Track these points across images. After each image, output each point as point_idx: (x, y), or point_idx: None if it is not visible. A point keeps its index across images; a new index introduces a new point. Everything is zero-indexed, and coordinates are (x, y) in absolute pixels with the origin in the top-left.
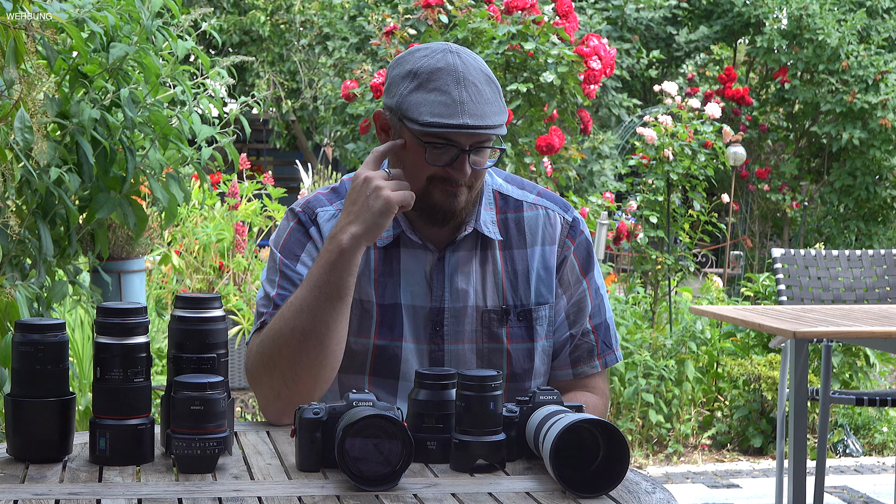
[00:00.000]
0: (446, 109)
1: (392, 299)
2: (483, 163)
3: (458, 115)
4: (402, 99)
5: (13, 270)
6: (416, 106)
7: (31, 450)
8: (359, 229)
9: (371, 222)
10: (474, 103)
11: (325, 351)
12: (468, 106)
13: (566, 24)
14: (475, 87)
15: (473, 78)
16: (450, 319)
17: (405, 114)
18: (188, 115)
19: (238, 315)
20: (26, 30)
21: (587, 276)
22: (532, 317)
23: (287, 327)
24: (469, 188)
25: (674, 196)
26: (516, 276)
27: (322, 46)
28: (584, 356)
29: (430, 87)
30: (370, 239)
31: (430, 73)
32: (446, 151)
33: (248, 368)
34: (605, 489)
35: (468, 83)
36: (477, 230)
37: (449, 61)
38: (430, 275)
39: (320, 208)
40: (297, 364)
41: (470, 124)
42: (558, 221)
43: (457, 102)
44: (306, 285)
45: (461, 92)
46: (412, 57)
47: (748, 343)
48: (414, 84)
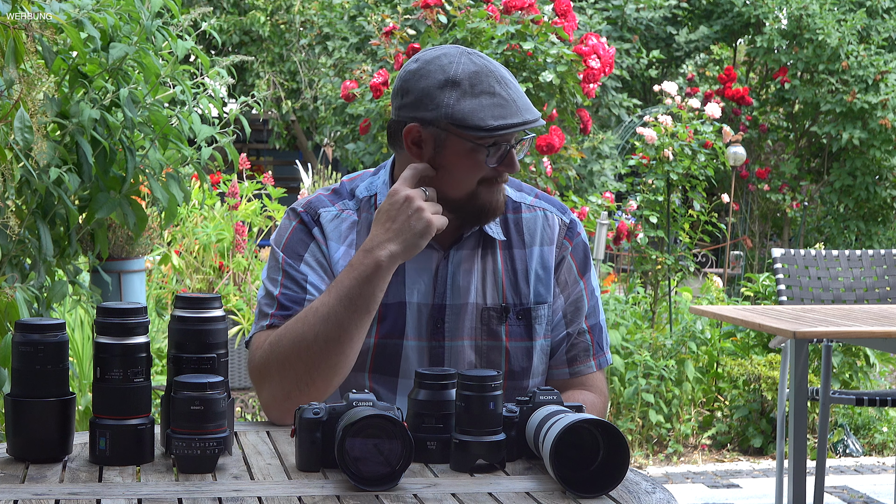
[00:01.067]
0: (504, 111)
1: (396, 298)
2: (521, 154)
3: (518, 114)
4: (452, 109)
5: (13, 271)
6: (472, 113)
7: (31, 450)
8: (398, 248)
9: (410, 243)
10: (522, 98)
11: (344, 359)
12: (520, 103)
13: (565, 23)
14: (514, 83)
15: (506, 76)
16: (450, 316)
17: (462, 122)
18: (188, 115)
19: (238, 315)
20: (26, 30)
21: (584, 276)
22: (531, 316)
23: (311, 332)
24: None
25: (674, 196)
26: (516, 275)
27: (322, 46)
28: (580, 355)
29: (476, 92)
30: (406, 258)
31: (470, 77)
32: (499, 150)
33: (256, 366)
34: (605, 489)
35: (507, 81)
36: (482, 229)
37: (477, 63)
38: (435, 273)
39: (323, 209)
40: (315, 369)
41: (529, 119)
42: (556, 223)
43: (509, 102)
44: (335, 294)
45: (507, 91)
46: (436, 66)
47: (748, 343)
48: (457, 92)
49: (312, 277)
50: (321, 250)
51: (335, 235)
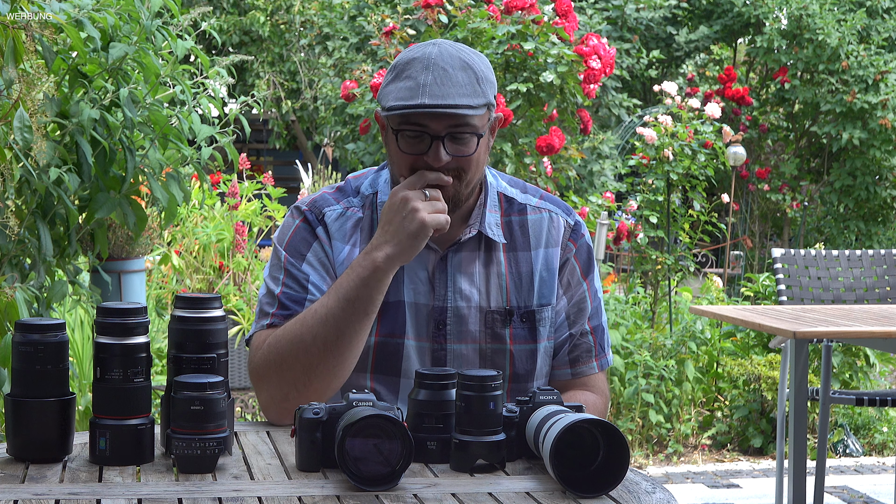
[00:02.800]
0: (408, 93)
1: (395, 297)
2: (465, 150)
3: (417, 97)
4: (380, 92)
5: (13, 271)
6: (386, 95)
7: (31, 450)
8: (393, 250)
9: (406, 244)
10: (437, 85)
11: (343, 362)
12: (430, 87)
13: (566, 23)
14: (443, 71)
15: (444, 63)
16: (452, 319)
17: (381, 104)
18: (188, 115)
19: (238, 315)
20: (25, 29)
21: (587, 278)
22: (535, 318)
23: (309, 334)
24: (457, 178)
25: (674, 196)
26: (520, 277)
27: (322, 46)
28: (582, 356)
29: (402, 77)
30: (404, 260)
31: (405, 63)
32: (420, 140)
33: (256, 367)
34: (605, 489)
35: (436, 68)
36: (481, 232)
37: (426, 51)
38: (432, 273)
39: (327, 208)
40: (312, 371)
41: (427, 103)
42: (561, 224)
43: (419, 85)
44: (334, 296)
45: (427, 76)
46: (402, 54)
47: (748, 343)
48: (391, 76)
49: (314, 277)
50: (324, 250)
51: (339, 235)
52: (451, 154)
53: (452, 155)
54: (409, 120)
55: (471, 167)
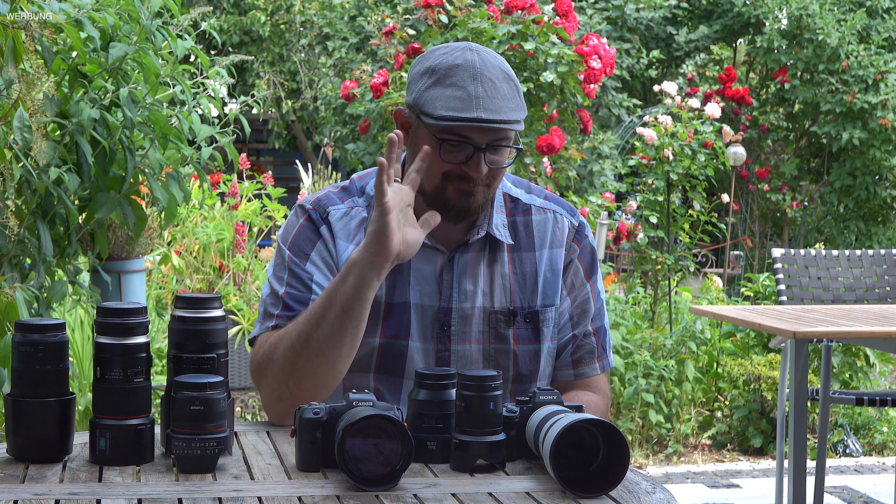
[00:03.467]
0: (461, 104)
1: (401, 297)
2: (501, 161)
3: (473, 109)
4: (420, 95)
5: (13, 271)
6: (431, 101)
7: (31, 450)
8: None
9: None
10: (489, 98)
11: (326, 361)
12: (483, 101)
13: (566, 23)
14: (492, 83)
15: (490, 74)
16: (457, 320)
17: (422, 109)
18: (188, 115)
19: (238, 315)
20: (25, 29)
21: (591, 279)
22: (539, 319)
23: (294, 332)
24: (487, 186)
25: (674, 196)
26: (524, 278)
27: (322, 46)
28: (585, 357)
29: (446, 83)
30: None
31: (448, 69)
32: (462, 149)
33: (255, 367)
34: (605, 489)
35: (484, 79)
36: (489, 233)
37: (467, 58)
38: (439, 275)
39: (332, 207)
40: (301, 371)
41: (484, 118)
42: (566, 225)
43: (472, 97)
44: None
45: (477, 87)
46: (432, 55)
47: (748, 343)
48: (431, 80)
49: (318, 277)
50: (328, 249)
51: (343, 234)
52: (489, 165)
53: (489, 166)
54: (455, 131)
55: (500, 175)
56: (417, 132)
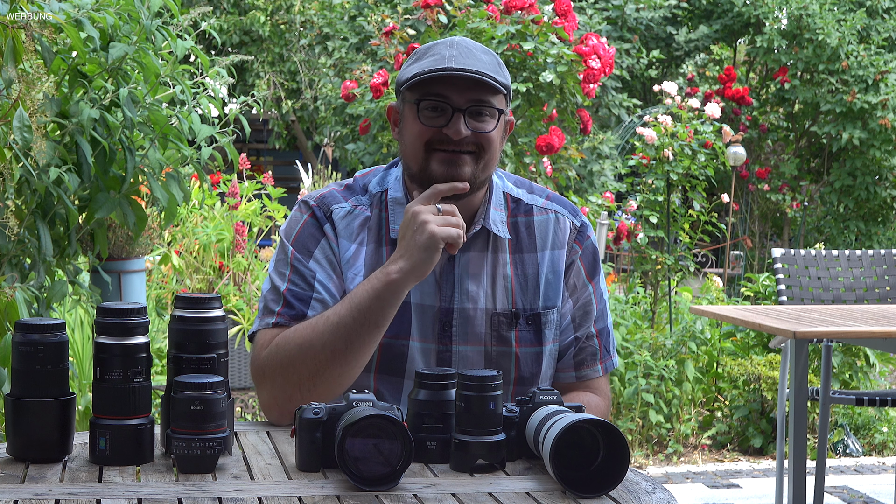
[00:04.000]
0: (433, 63)
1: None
2: (484, 127)
3: (444, 63)
4: (400, 75)
5: (13, 271)
6: (409, 72)
7: (31, 450)
8: (406, 264)
9: (416, 258)
10: (463, 58)
11: (349, 370)
12: (455, 59)
13: (565, 23)
14: (467, 49)
15: (467, 45)
16: (458, 321)
17: (400, 83)
18: (188, 115)
19: (238, 315)
20: (25, 29)
21: (593, 280)
22: (541, 321)
23: (319, 340)
24: (475, 157)
25: (674, 196)
26: (526, 279)
27: (322, 46)
28: (587, 359)
29: (425, 57)
30: (418, 274)
31: (427, 48)
32: (441, 114)
33: (260, 366)
34: (605, 489)
35: (460, 47)
36: (486, 228)
37: (448, 40)
38: (439, 274)
39: (336, 205)
40: (318, 376)
41: (454, 67)
42: (568, 226)
43: (444, 57)
44: (348, 306)
45: (451, 51)
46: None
47: (748, 343)
48: (412, 60)
49: (321, 275)
50: (331, 247)
51: (346, 233)
52: (471, 129)
53: (472, 130)
54: (430, 90)
55: (489, 147)
56: (403, 114)
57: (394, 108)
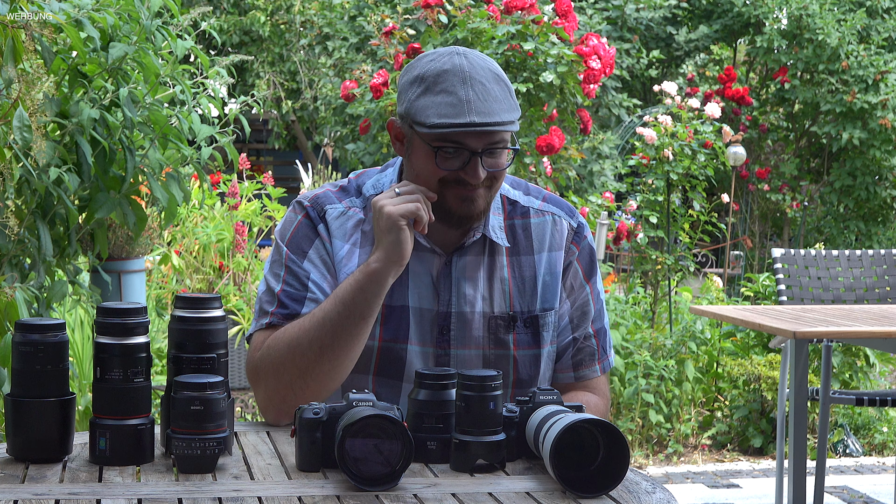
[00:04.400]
0: (452, 109)
1: (400, 301)
2: (499, 164)
3: (465, 114)
4: (411, 105)
5: (13, 270)
6: (423, 109)
7: (31, 450)
8: (381, 253)
9: (386, 243)
10: (481, 101)
11: (339, 366)
12: (475, 104)
13: (565, 23)
14: (482, 86)
15: (480, 77)
16: (456, 324)
17: (414, 119)
18: (188, 115)
19: (238, 315)
20: (25, 29)
21: (590, 280)
22: (539, 323)
23: (306, 337)
24: (488, 189)
25: (674, 196)
26: (523, 282)
27: (322, 46)
28: (585, 360)
29: (436, 90)
30: (394, 260)
31: (437, 75)
32: (458, 156)
33: (254, 366)
34: (605, 489)
35: (475, 82)
36: (485, 235)
37: (455, 62)
38: (436, 278)
39: (329, 205)
40: (308, 374)
41: (477, 122)
42: (565, 227)
43: (463, 102)
44: (332, 301)
45: (467, 91)
46: (419, 63)
47: (748, 343)
48: (421, 88)
49: (315, 275)
50: (325, 248)
51: (340, 234)
52: (487, 169)
53: (488, 170)
54: (449, 138)
55: (502, 176)
56: (412, 142)
57: (398, 127)
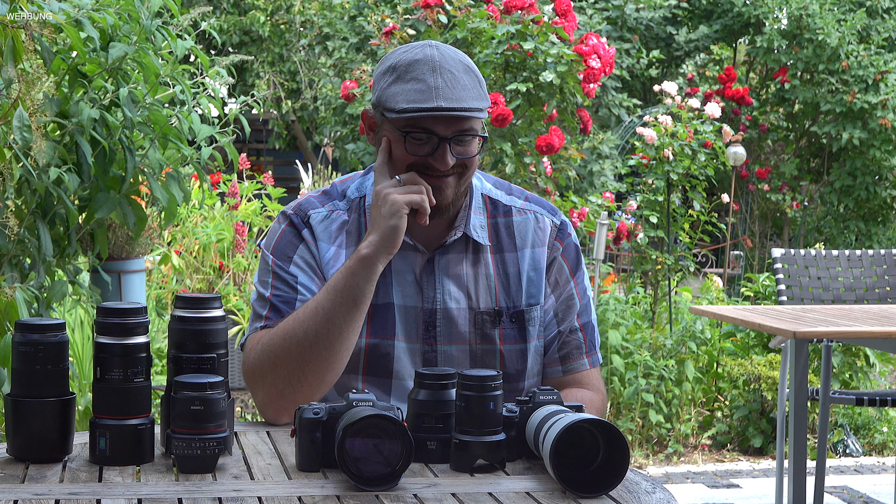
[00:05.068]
0: (421, 95)
1: (384, 299)
2: (468, 152)
3: (433, 100)
4: (382, 92)
5: (13, 271)
6: (393, 96)
7: (31, 450)
8: (375, 237)
9: (384, 227)
10: (450, 88)
11: (335, 355)
12: (443, 90)
13: (565, 23)
14: (451, 74)
15: (450, 66)
16: (442, 321)
17: (384, 105)
18: (188, 115)
19: (238, 315)
20: (25, 29)
21: (575, 276)
22: (524, 318)
23: (300, 328)
24: (458, 177)
25: (674, 196)
26: (508, 278)
27: (322, 46)
28: (573, 353)
29: (407, 78)
30: (387, 245)
31: (408, 64)
32: (427, 142)
33: (250, 367)
34: (605, 489)
35: (444, 70)
36: (467, 234)
37: (427, 53)
38: (419, 276)
39: (312, 210)
40: (305, 365)
41: (444, 106)
42: (548, 225)
43: (431, 88)
44: (325, 290)
45: (437, 79)
46: (394, 55)
47: (748, 343)
48: (393, 77)
49: (303, 278)
50: (310, 251)
51: (325, 236)
52: (456, 156)
53: (457, 157)
54: (417, 123)
55: (472, 166)
56: (382, 129)
57: (371, 116)
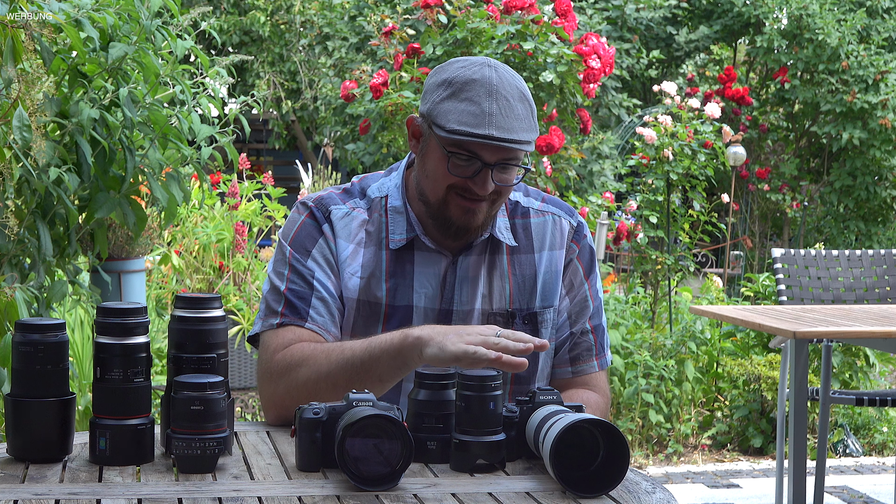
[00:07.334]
0: (473, 119)
1: (404, 301)
2: (509, 180)
3: (485, 126)
4: (434, 106)
5: (13, 270)
6: (445, 113)
7: (31, 450)
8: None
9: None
10: (503, 116)
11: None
12: (496, 118)
13: (565, 23)
14: (506, 101)
15: (506, 92)
16: (457, 322)
17: (434, 120)
18: (188, 115)
19: (238, 315)
20: (24, 29)
21: (589, 278)
22: (537, 320)
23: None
24: (491, 203)
25: (674, 196)
26: (524, 280)
27: (322, 46)
28: (583, 354)
29: (461, 97)
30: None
31: (464, 83)
32: (470, 164)
33: (268, 369)
34: (605, 489)
35: (500, 96)
36: (492, 235)
37: (485, 74)
38: (443, 278)
39: (334, 206)
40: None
41: (495, 136)
42: (565, 227)
43: (485, 113)
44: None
45: (491, 104)
46: (450, 67)
47: (748, 343)
48: (447, 92)
49: (319, 274)
50: (329, 247)
51: (344, 234)
52: (496, 183)
53: (497, 184)
54: (464, 146)
55: (506, 194)
56: (428, 142)
57: (417, 124)
